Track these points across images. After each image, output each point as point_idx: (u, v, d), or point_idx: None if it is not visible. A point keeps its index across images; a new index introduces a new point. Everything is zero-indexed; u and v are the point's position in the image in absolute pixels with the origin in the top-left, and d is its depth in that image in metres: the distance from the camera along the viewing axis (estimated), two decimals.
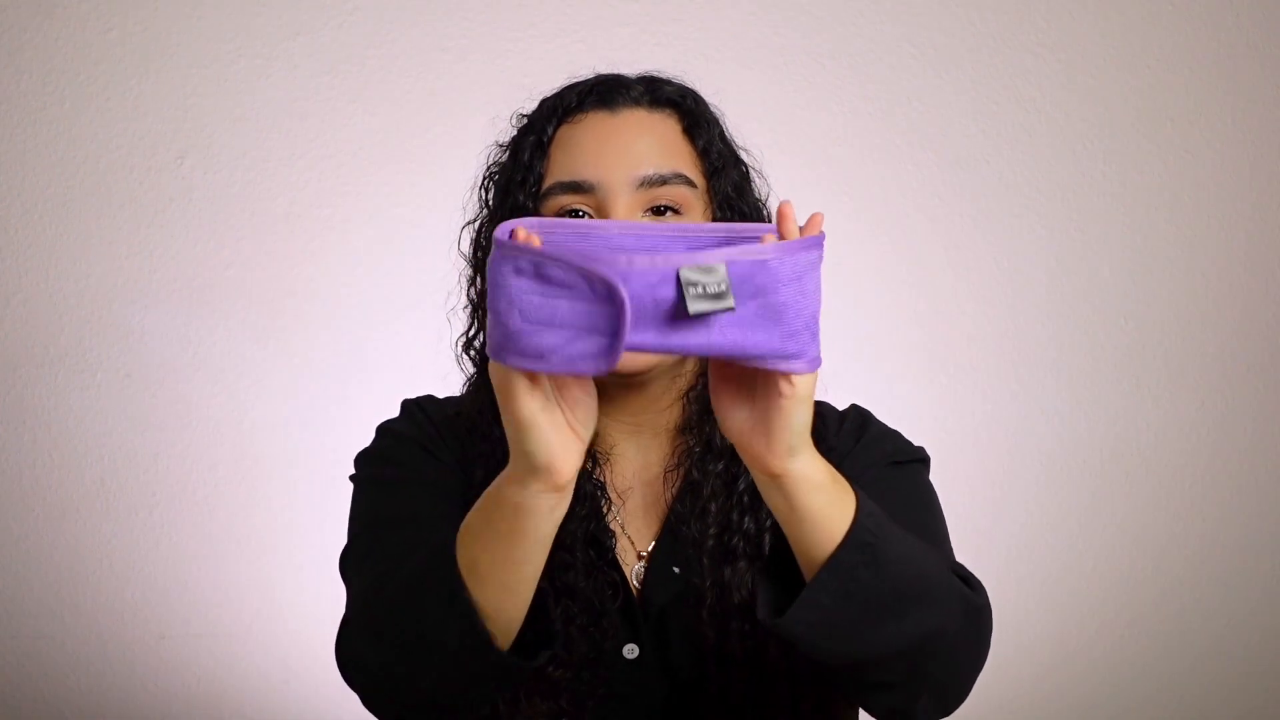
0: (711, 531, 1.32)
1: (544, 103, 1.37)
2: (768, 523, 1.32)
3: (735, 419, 1.10)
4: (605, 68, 1.40)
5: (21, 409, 2.44)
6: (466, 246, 1.40)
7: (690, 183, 1.30)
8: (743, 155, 1.39)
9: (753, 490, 1.32)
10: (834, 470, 1.13)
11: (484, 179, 1.40)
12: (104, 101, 2.42)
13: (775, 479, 1.10)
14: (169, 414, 2.46)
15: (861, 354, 2.54)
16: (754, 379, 1.09)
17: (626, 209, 1.28)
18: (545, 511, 1.11)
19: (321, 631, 2.53)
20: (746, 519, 1.32)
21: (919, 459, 1.41)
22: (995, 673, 2.73)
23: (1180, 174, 2.65)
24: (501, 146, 1.40)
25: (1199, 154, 2.65)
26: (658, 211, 1.29)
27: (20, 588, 2.47)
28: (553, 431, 1.07)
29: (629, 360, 1.25)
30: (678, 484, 1.36)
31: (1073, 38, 2.61)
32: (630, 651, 1.34)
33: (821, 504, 1.11)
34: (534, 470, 1.08)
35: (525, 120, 1.37)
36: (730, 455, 1.33)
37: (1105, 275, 2.65)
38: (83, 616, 2.48)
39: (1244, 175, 2.66)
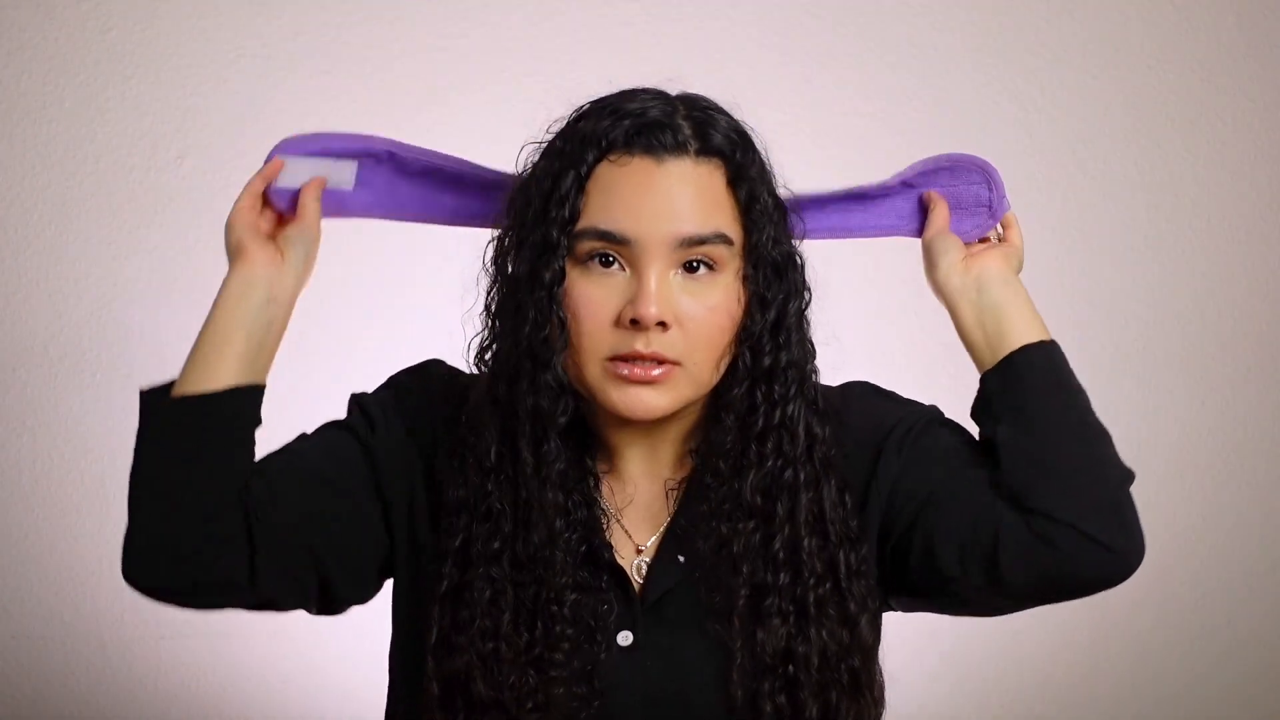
0: (744, 591, 1.33)
1: (586, 121, 1.31)
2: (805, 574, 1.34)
3: (960, 250, 1.45)
4: (604, 67, 1.38)
5: (21, 409, 2.44)
6: (490, 254, 1.38)
7: (728, 240, 1.29)
8: (781, 192, 1.37)
9: (788, 544, 1.34)
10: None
11: (516, 188, 1.35)
12: (104, 101, 2.42)
13: (1009, 269, 1.43)
14: None
15: (861, 354, 2.54)
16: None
17: (660, 271, 1.26)
18: (237, 291, 1.36)
19: (322, 632, 2.53)
20: (782, 573, 1.34)
21: (930, 420, 1.41)
22: (996, 673, 2.73)
23: (1181, 174, 2.65)
24: (539, 149, 1.35)
25: (1200, 154, 2.65)
26: (690, 268, 1.28)
27: (20, 588, 2.47)
28: (248, 231, 1.40)
29: (643, 408, 1.29)
30: (679, 498, 1.37)
31: (1073, 38, 2.61)
32: (625, 639, 1.34)
33: (1032, 304, 1.41)
34: (230, 256, 1.40)
35: (562, 134, 1.32)
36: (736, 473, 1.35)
37: (1106, 275, 2.65)
38: (83, 616, 2.48)
39: (1245, 175, 2.66)
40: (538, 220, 1.29)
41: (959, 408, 1.44)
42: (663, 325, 1.26)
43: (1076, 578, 1.33)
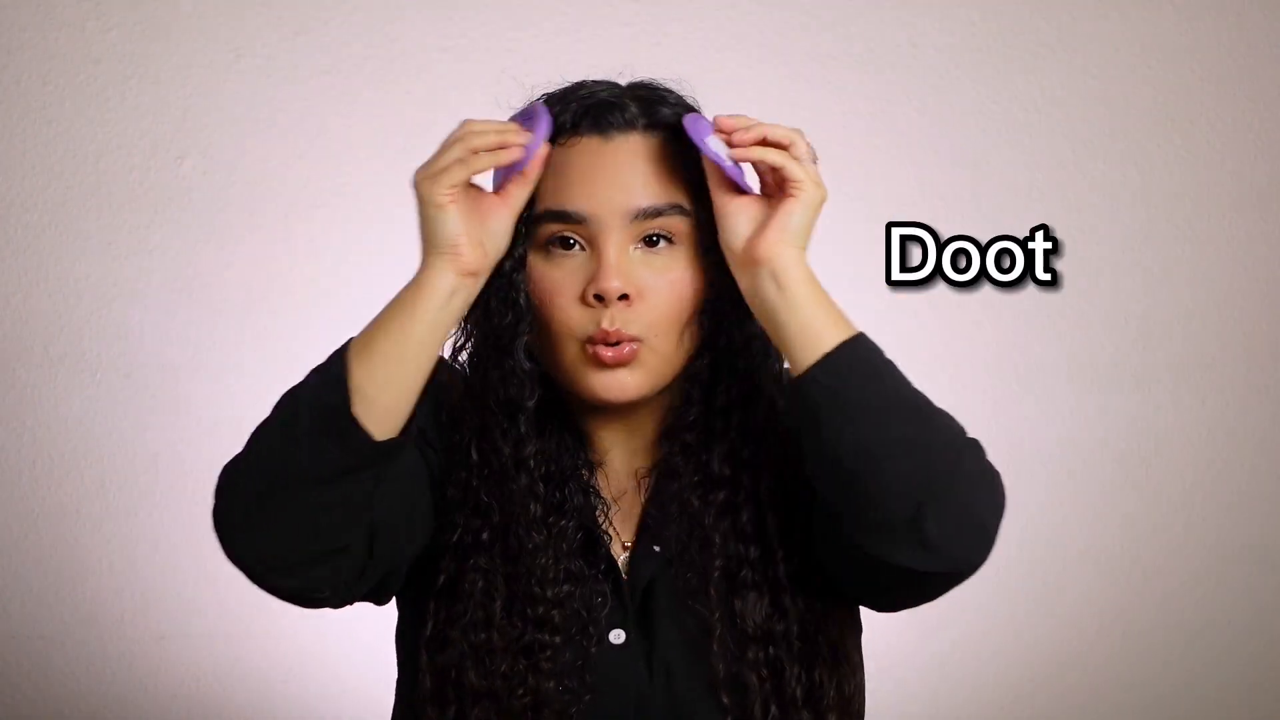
0: (718, 562, 1.32)
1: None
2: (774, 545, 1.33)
3: (741, 222, 1.25)
4: (604, 67, 1.39)
5: (21, 409, 2.44)
6: None
7: (684, 211, 1.29)
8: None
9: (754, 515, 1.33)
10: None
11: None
12: (104, 101, 2.42)
13: (773, 263, 1.22)
14: (169, 414, 2.46)
15: None
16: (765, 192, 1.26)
17: (618, 244, 1.26)
18: (444, 292, 1.21)
19: (323, 631, 2.53)
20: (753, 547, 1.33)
21: None
22: (995, 674, 2.73)
23: (1181, 173, 2.65)
24: None
25: (1200, 153, 2.65)
26: (650, 242, 1.28)
27: (20, 588, 2.47)
28: (463, 221, 1.21)
29: (618, 390, 1.28)
30: (649, 487, 1.37)
31: (1073, 37, 2.61)
32: (617, 637, 1.34)
33: (819, 298, 1.23)
34: (439, 249, 1.22)
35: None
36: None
37: (1106, 275, 2.65)
38: (83, 616, 2.48)
39: (1246, 175, 2.66)
40: None
41: (948, 396, 1.43)
42: (625, 299, 1.26)
43: (895, 589, 1.29)
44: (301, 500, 1.20)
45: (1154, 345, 2.66)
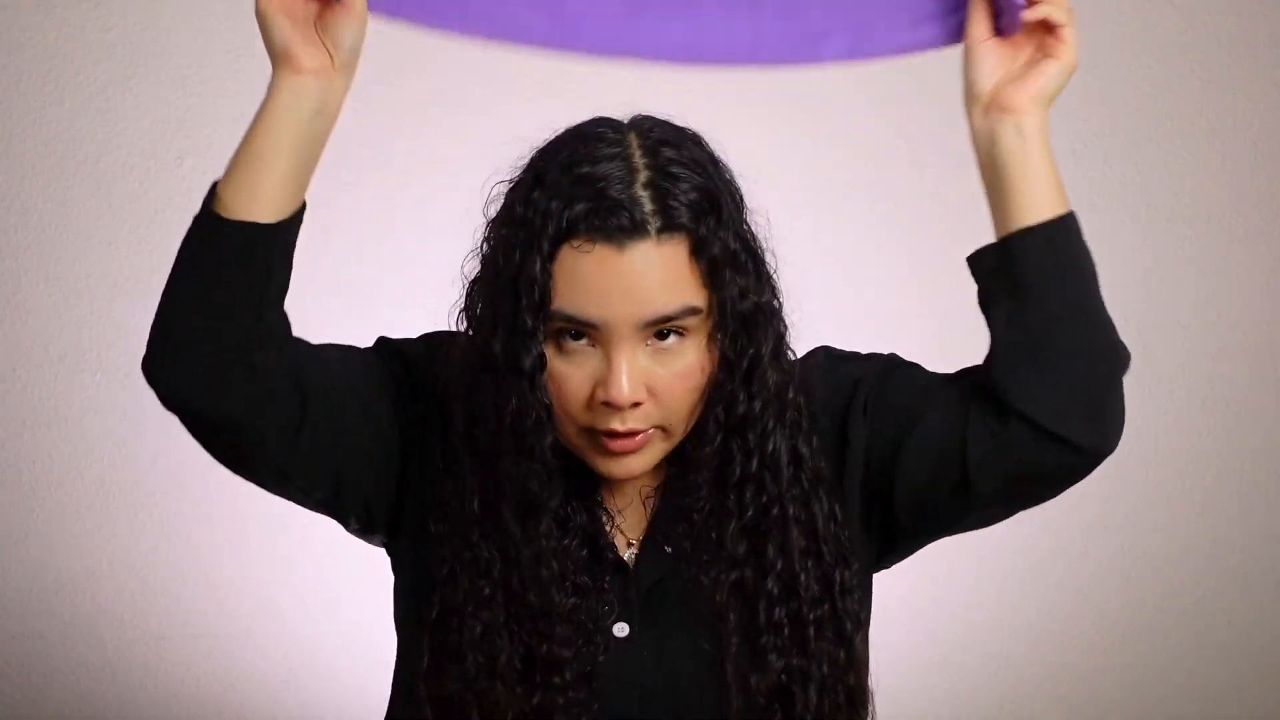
0: (727, 556, 1.32)
1: (542, 193, 1.27)
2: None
3: (991, 64, 1.29)
4: (611, 69, 1.36)
5: (21, 409, 2.44)
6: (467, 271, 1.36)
7: (696, 310, 1.27)
8: (751, 223, 1.33)
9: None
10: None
11: (486, 234, 1.33)
12: (104, 101, 2.42)
13: (1025, 115, 1.28)
14: (169, 414, 2.45)
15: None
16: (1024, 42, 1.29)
17: (629, 352, 1.25)
18: (286, 96, 1.26)
19: (323, 631, 2.53)
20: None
21: (889, 366, 1.40)
22: (996, 673, 2.73)
23: (1181, 173, 2.65)
24: (502, 203, 1.32)
25: (1200, 153, 2.65)
26: (660, 336, 1.27)
27: (20, 588, 2.47)
28: (295, 29, 1.24)
29: (624, 472, 1.29)
30: (655, 504, 1.36)
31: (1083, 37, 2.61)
32: (621, 630, 1.34)
33: (1053, 166, 1.30)
34: (274, 57, 1.25)
35: (523, 203, 1.28)
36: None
37: (1105, 275, 2.64)
38: (83, 616, 2.48)
39: (1245, 174, 2.66)
40: (507, 296, 1.27)
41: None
42: (636, 405, 1.26)
43: (1041, 476, 1.31)
44: (199, 303, 1.25)
45: (1153, 345, 2.66)
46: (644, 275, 1.25)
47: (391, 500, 1.36)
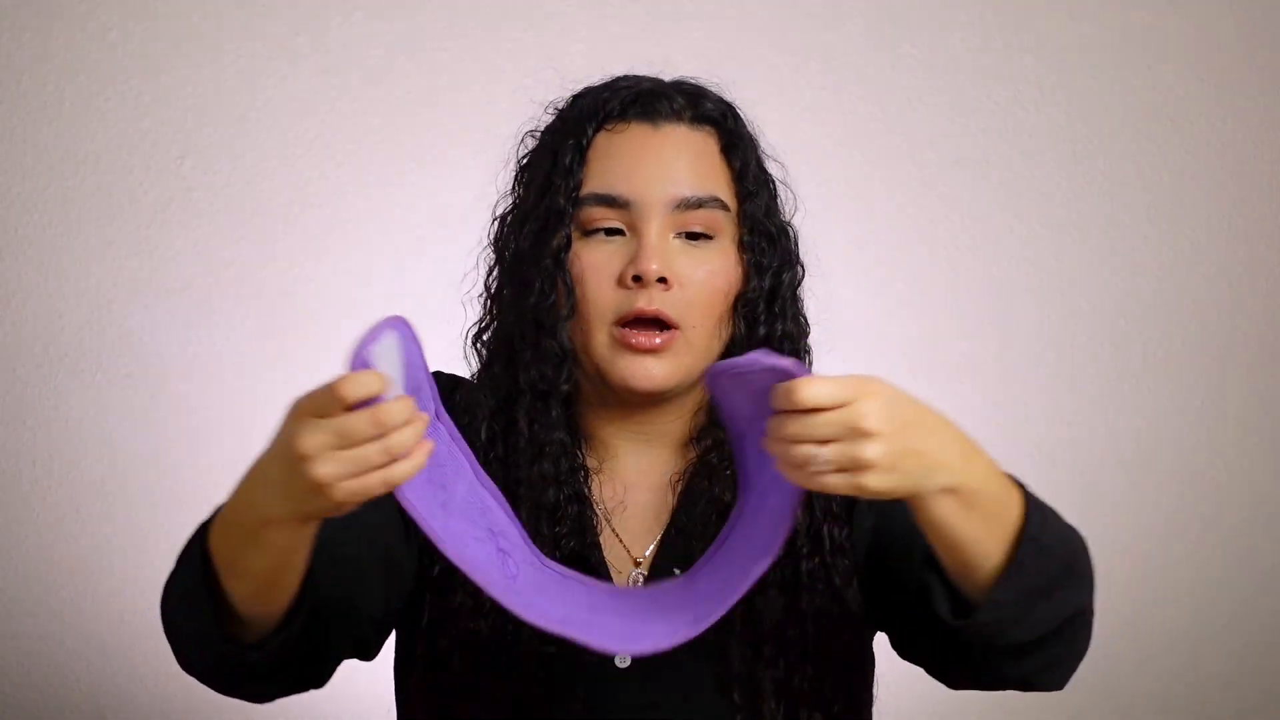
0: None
1: (583, 99, 1.35)
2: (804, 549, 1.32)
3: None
4: (610, 70, 1.39)
5: (21, 409, 2.44)
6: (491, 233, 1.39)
7: (724, 206, 1.31)
8: (772, 169, 1.39)
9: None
10: (988, 469, 1.18)
11: (518, 169, 1.39)
12: (104, 101, 2.42)
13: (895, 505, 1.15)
14: (169, 414, 2.46)
15: (857, 352, 2.54)
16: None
17: (660, 229, 1.28)
18: (286, 536, 1.19)
19: None
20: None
21: None
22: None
23: (1181, 173, 2.65)
24: (535, 137, 1.38)
25: (1199, 154, 2.65)
26: (690, 236, 1.29)
27: (20, 588, 2.46)
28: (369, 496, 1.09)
29: (644, 377, 1.28)
30: (680, 492, 1.35)
31: (1073, 37, 2.61)
32: (622, 662, 1.32)
33: (979, 520, 1.16)
34: (313, 516, 1.13)
35: (560, 115, 1.36)
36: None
37: (1104, 275, 2.65)
38: (83, 616, 2.48)
39: (1245, 175, 2.66)
40: (541, 193, 1.31)
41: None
42: (664, 281, 1.27)
43: (988, 684, 1.36)
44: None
45: (1154, 345, 2.66)
46: (676, 155, 1.30)
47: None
